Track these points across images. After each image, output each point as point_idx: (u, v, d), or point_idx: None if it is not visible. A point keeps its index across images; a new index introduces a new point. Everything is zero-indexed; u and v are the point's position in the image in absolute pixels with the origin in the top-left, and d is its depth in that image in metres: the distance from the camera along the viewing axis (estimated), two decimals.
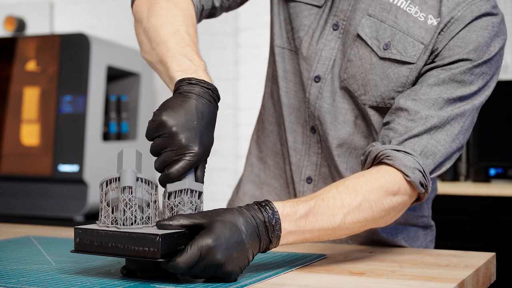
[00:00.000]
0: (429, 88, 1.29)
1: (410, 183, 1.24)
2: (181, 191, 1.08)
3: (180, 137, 1.09)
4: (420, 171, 1.24)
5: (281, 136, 1.52)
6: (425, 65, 1.33)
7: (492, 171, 3.24)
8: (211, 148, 1.15)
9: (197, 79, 1.16)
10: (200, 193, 1.11)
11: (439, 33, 1.31)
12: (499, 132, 3.25)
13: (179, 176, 1.09)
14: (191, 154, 1.09)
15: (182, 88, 1.15)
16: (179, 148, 1.09)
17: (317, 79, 1.42)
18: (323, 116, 1.41)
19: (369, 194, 1.20)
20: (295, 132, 1.47)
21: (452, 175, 3.33)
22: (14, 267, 1.15)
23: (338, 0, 1.41)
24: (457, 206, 3.05)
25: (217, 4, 1.49)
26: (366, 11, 1.37)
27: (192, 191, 1.09)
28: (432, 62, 1.32)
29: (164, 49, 1.27)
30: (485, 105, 1.35)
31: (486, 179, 3.25)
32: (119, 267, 1.14)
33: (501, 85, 3.28)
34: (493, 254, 1.36)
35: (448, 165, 1.31)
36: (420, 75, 1.33)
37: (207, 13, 1.48)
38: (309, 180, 1.46)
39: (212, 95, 1.16)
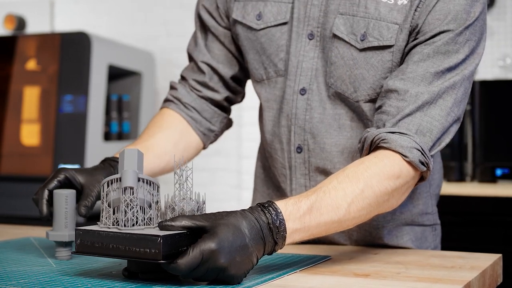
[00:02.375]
0: (415, 65, 1.29)
1: (410, 163, 1.24)
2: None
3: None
4: (418, 150, 1.24)
5: (267, 166, 1.52)
6: (407, 44, 1.32)
7: (499, 172, 3.22)
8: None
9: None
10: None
11: (415, 10, 1.30)
12: (506, 132, 3.24)
13: (42, 206, 1.25)
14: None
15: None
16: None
17: (303, 91, 1.41)
18: (316, 127, 1.41)
19: (370, 180, 1.19)
20: (280, 158, 1.46)
21: (458, 175, 3.31)
22: (14, 268, 1.14)
23: (307, 9, 1.41)
24: (463, 207, 3.03)
25: (201, 94, 1.56)
26: (337, 11, 1.37)
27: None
28: (415, 39, 1.31)
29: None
30: (491, 104, 1.34)
31: (492, 179, 3.23)
32: (120, 269, 1.13)
33: (507, 84, 3.26)
34: (499, 255, 1.35)
35: (447, 139, 1.30)
36: (404, 56, 1.33)
37: (205, 105, 1.56)
38: None
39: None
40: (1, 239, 1.48)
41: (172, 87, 1.57)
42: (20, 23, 3.41)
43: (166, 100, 1.56)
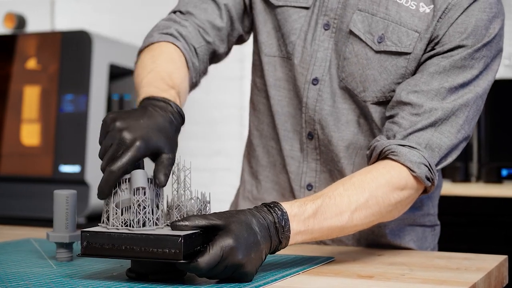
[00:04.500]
0: (430, 76, 1.29)
1: (416, 177, 1.25)
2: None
3: (124, 133, 1.06)
4: (426, 165, 1.25)
5: (269, 147, 1.50)
6: (424, 53, 1.32)
7: (504, 172, 3.22)
8: (159, 146, 1.09)
9: (157, 96, 1.16)
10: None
11: (437, 21, 1.30)
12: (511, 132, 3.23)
13: (121, 172, 1.05)
14: (134, 148, 1.05)
15: (141, 103, 1.16)
16: (122, 142, 1.06)
17: (315, 81, 1.40)
18: (324, 118, 1.40)
19: (376, 191, 1.21)
20: (292, 140, 1.45)
21: (463, 176, 3.30)
22: (14, 270, 1.13)
23: None
24: (468, 208, 3.03)
25: (210, 39, 1.44)
26: (356, 6, 1.36)
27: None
28: (432, 49, 1.31)
29: (139, 82, 1.28)
30: (496, 104, 1.34)
31: (498, 180, 3.22)
32: (121, 270, 1.12)
33: None
34: (505, 257, 1.34)
35: (454, 155, 1.31)
36: (420, 64, 1.33)
37: (207, 55, 1.44)
38: (309, 187, 1.45)
39: (170, 110, 1.15)
40: (1, 240, 1.47)
41: (176, 21, 1.42)
42: (20, 21, 3.39)
43: (169, 34, 1.39)
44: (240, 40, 1.53)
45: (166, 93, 1.21)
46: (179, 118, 1.17)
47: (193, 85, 1.42)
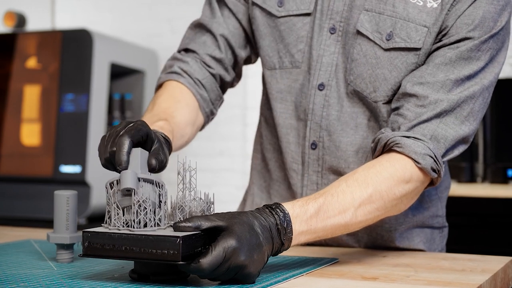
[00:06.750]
0: (436, 68, 1.29)
1: (421, 169, 1.24)
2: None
3: (117, 128, 1.09)
4: (431, 157, 1.24)
5: (279, 160, 1.49)
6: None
7: (510, 172, 3.20)
8: (149, 131, 1.11)
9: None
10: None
11: (446, 14, 1.30)
12: None
13: (123, 156, 1.06)
14: (127, 129, 1.08)
15: None
16: (116, 132, 1.08)
17: (321, 87, 1.39)
18: (332, 124, 1.39)
19: (380, 185, 1.20)
20: (293, 152, 1.44)
21: (469, 176, 3.29)
22: (14, 271, 1.13)
23: (331, 2, 1.39)
24: (474, 208, 3.02)
25: (213, 71, 1.47)
26: (362, 7, 1.35)
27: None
28: (439, 41, 1.31)
29: None
30: (502, 103, 1.33)
31: (504, 180, 3.20)
32: (123, 272, 1.12)
33: None
34: (511, 258, 1.33)
35: (461, 148, 1.31)
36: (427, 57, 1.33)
37: (214, 83, 1.48)
38: None
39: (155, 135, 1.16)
40: (1, 241, 1.46)
41: (178, 59, 1.47)
42: (20, 20, 3.38)
43: (173, 72, 1.45)
44: (249, 62, 1.55)
45: (154, 125, 1.26)
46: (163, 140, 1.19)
47: (209, 114, 1.48)
